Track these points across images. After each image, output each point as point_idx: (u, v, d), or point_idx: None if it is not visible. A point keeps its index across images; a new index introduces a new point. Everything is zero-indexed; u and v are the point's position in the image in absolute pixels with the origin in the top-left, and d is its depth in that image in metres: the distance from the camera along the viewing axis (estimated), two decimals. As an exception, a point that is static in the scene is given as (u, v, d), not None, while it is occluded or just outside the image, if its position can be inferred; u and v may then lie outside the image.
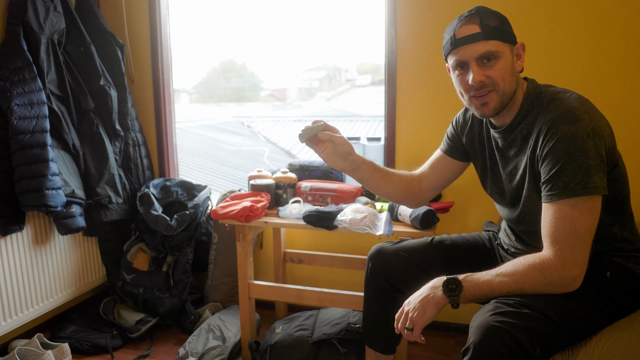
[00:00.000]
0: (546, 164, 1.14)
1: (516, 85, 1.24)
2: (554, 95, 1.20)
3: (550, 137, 1.13)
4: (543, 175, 1.15)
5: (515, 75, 1.24)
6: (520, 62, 1.25)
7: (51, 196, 1.95)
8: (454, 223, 2.18)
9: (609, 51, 1.89)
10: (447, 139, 1.53)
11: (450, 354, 2.11)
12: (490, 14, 1.20)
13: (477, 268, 1.20)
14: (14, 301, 2.04)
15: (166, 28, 2.55)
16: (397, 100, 2.18)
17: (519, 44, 1.24)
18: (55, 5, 2.11)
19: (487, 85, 1.20)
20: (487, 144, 1.39)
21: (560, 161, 1.10)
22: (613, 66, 1.89)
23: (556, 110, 1.15)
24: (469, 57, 1.20)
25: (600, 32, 1.88)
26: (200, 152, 5.09)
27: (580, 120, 1.10)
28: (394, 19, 2.12)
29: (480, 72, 1.19)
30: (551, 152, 1.12)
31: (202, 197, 2.43)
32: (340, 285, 2.36)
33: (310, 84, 5.71)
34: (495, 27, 1.18)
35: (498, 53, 1.18)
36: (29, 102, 1.94)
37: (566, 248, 1.09)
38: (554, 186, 1.11)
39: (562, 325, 1.08)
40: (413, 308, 1.16)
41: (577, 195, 1.08)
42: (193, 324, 2.29)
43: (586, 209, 1.09)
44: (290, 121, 6.40)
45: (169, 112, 2.62)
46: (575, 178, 1.08)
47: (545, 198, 1.14)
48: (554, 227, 1.11)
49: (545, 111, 1.18)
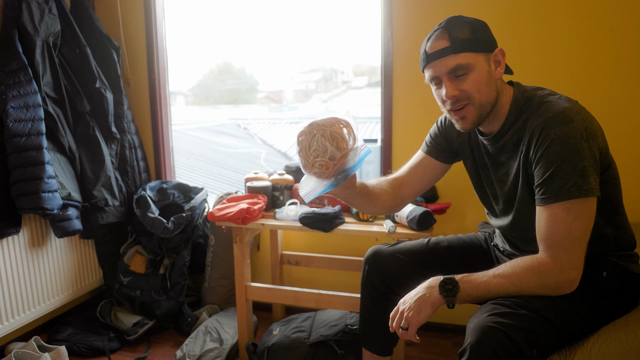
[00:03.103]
0: (540, 167, 1.12)
1: (496, 93, 1.21)
2: (543, 98, 1.19)
3: (543, 140, 1.12)
4: (537, 178, 1.14)
5: (494, 83, 1.20)
6: (500, 69, 1.21)
7: (47, 199, 1.94)
8: (451, 224, 2.19)
9: (599, 53, 1.90)
10: (431, 139, 1.49)
11: (448, 355, 2.11)
12: (461, 25, 1.17)
13: (474, 269, 1.20)
14: (10, 304, 2.03)
15: (162, 30, 2.55)
16: (394, 102, 2.19)
17: (497, 50, 1.20)
18: (50, 8, 2.11)
19: (462, 99, 1.19)
20: (477, 149, 1.38)
21: (554, 163, 1.09)
22: (604, 68, 1.90)
23: (547, 112, 1.14)
24: (440, 72, 1.19)
25: (591, 33, 1.89)
26: (197, 155, 5.08)
27: (572, 121, 1.09)
28: (390, 20, 2.13)
29: (453, 86, 1.18)
30: (545, 154, 1.11)
31: (199, 199, 2.43)
32: (337, 287, 2.36)
33: (307, 85, 5.71)
34: (465, 39, 1.15)
35: (470, 65, 1.16)
36: (24, 105, 1.94)
37: (562, 251, 1.09)
38: (548, 189, 1.10)
39: (559, 326, 1.09)
40: (408, 307, 1.16)
41: (572, 197, 1.07)
42: (190, 326, 2.29)
43: (581, 212, 1.08)
44: (287, 123, 6.40)
45: (165, 114, 2.62)
46: (570, 180, 1.07)
47: (540, 201, 1.13)
48: (549, 230, 1.10)
49: (536, 115, 1.16)
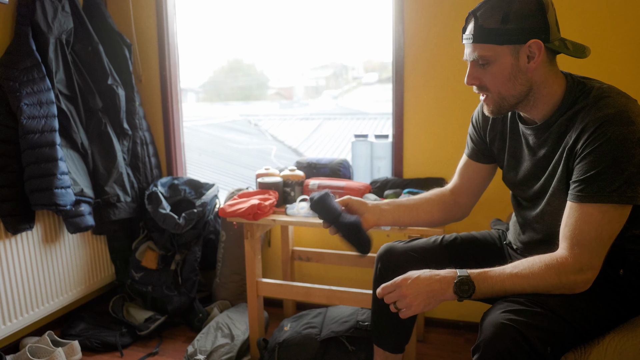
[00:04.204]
0: (585, 162, 1.08)
1: (524, 87, 1.15)
2: (602, 91, 1.12)
3: (597, 136, 1.06)
4: (578, 174, 1.09)
5: (523, 77, 1.14)
6: (533, 63, 1.12)
7: (60, 195, 1.96)
8: (463, 221, 2.15)
9: (613, 47, 1.87)
10: (470, 141, 1.46)
11: (460, 352, 2.10)
12: (491, 11, 1.11)
13: (487, 266, 1.17)
14: (24, 299, 2.05)
15: (173, 27, 2.55)
16: (405, 98, 2.17)
17: (531, 42, 1.10)
18: (64, 5, 2.12)
19: (481, 88, 1.19)
20: (515, 139, 1.32)
21: (602, 163, 1.05)
22: (618, 63, 1.88)
23: (607, 108, 1.07)
24: (466, 56, 1.19)
25: (601, 28, 1.87)
26: (208, 151, 5.11)
27: (633, 124, 1.04)
28: (401, 16, 2.11)
29: (473, 73, 1.18)
30: (595, 152, 1.06)
31: (210, 195, 2.44)
32: (349, 282, 2.36)
33: (317, 82, 5.71)
34: (491, 29, 1.11)
35: (490, 57, 1.12)
36: (37, 102, 1.95)
37: (586, 252, 1.06)
38: (587, 187, 1.06)
39: (574, 324, 1.07)
40: (415, 295, 1.12)
41: (612, 202, 1.04)
42: (201, 321, 2.30)
43: (616, 217, 1.06)
44: (297, 119, 6.40)
45: (177, 110, 2.63)
46: (614, 184, 1.04)
47: (575, 198, 1.09)
48: (578, 229, 1.07)
49: (595, 108, 1.09)
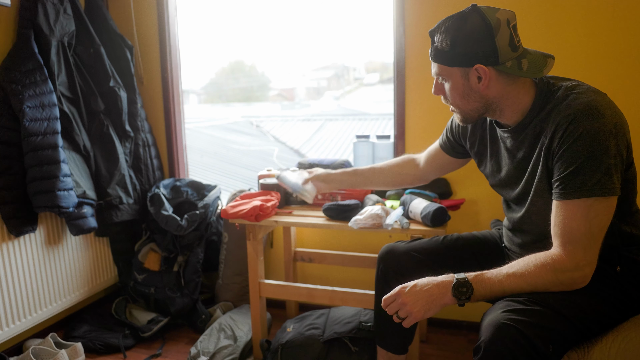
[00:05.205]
0: (563, 160, 1.09)
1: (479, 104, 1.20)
2: (570, 88, 1.14)
3: (570, 133, 1.07)
4: (558, 172, 1.10)
5: (475, 95, 1.19)
6: (482, 84, 1.15)
7: (63, 197, 1.97)
8: (465, 220, 2.17)
9: (616, 45, 1.87)
10: (445, 135, 1.55)
11: (463, 352, 2.10)
12: (443, 34, 1.16)
13: (489, 267, 1.17)
14: (27, 301, 2.06)
15: (174, 29, 2.56)
16: (406, 98, 2.17)
17: (477, 66, 1.13)
18: (65, 8, 2.13)
19: (446, 100, 1.27)
20: (495, 143, 1.35)
21: (579, 159, 1.06)
22: (622, 61, 1.87)
23: (576, 104, 1.09)
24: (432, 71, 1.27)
25: (598, 30, 1.87)
26: (210, 152, 5.11)
27: (603, 116, 1.05)
28: (402, 16, 2.11)
29: (437, 86, 1.26)
30: (570, 148, 1.07)
31: (212, 196, 2.44)
32: (351, 283, 2.36)
33: (319, 83, 5.72)
34: (443, 51, 1.17)
35: (445, 75, 1.21)
36: (40, 104, 1.96)
37: (579, 248, 1.07)
38: (569, 184, 1.07)
39: (575, 322, 1.07)
40: (415, 302, 1.13)
41: (594, 195, 1.05)
42: (204, 323, 2.30)
43: (602, 210, 1.06)
44: (299, 120, 6.41)
45: (178, 112, 2.63)
46: (594, 177, 1.04)
47: (559, 196, 1.10)
48: (567, 227, 1.08)
49: (564, 105, 1.11)
